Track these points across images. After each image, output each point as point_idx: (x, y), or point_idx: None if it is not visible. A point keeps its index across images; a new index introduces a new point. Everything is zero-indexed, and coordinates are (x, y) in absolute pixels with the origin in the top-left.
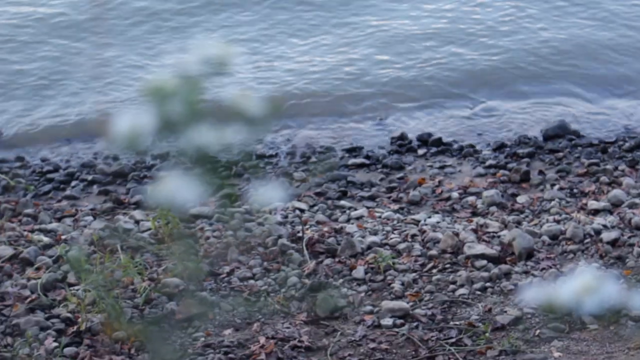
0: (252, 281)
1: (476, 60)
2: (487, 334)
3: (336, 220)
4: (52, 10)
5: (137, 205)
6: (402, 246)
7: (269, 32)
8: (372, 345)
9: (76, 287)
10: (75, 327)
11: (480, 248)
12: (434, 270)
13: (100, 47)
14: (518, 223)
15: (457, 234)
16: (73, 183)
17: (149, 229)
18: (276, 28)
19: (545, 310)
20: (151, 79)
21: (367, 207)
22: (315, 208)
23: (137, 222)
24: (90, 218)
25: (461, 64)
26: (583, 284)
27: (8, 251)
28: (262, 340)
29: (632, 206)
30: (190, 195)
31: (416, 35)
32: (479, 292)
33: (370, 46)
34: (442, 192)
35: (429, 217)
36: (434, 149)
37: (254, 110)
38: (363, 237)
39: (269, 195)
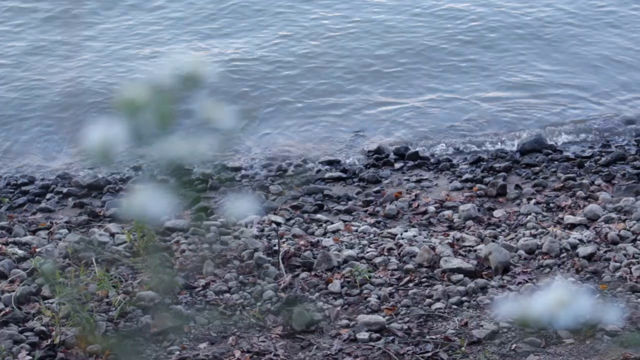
0: (227, 295)
1: (450, 73)
2: (463, 348)
3: (312, 233)
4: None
5: (113, 218)
6: (378, 260)
7: (245, 42)
8: (348, 359)
9: (50, 300)
10: (49, 341)
11: (457, 262)
12: (410, 284)
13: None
14: (494, 237)
15: (433, 248)
16: (48, 196)
17: (124, 242)
18: (252, 37)
19: (519, 324)
20: (123, 90)
21: (344, 221)
22: (292, 221)
23: (112, 235)
24: (65, 231)
25: (435, 76)
26: (557, 299)
27: None
28: (238, 354)
29: (608, 221)
30: (164, 207)
31: (398, 49)
32: (455, 306)
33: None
34: (418, 206)
35: (406, 231)
36: (410, 163)
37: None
38: (339, 250)
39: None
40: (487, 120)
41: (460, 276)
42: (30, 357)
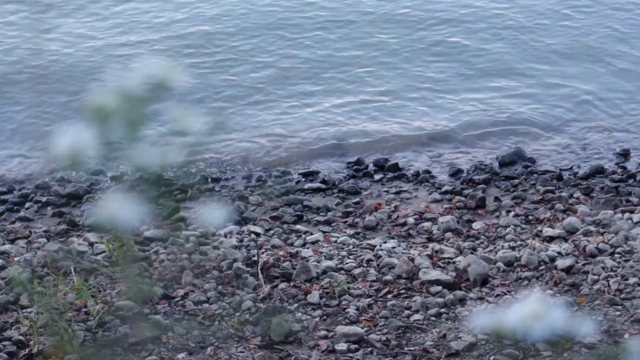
0: (206, 305)
1: (429, 84)
2: None
3: (292, 244)
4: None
5: (92, 227)
6: (357, 271)
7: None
8: None
9: (28, 310)
10: (27, 350)
11: (436, 274)
12: (389, 296)
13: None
14: (473, 249)
15: (412, 260)
16: (27, 205)
17: (103, 252)
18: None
19: (494, 336)
20: (93, 97)
21: (323, 232)
22: (271, 232)
23: (91, 244)
24: (43, 240)
25: (413, 87)
26: (531, 311)
27: None
28: None
29: (586, 234)
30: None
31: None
32: (433, 318)
33: (327, 68)
34: (397, 217)
35: (385, 243)
36: (390, 174)
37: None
38: (318, 261)
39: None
40: (467, 132)
41: (439, 288)
42: None
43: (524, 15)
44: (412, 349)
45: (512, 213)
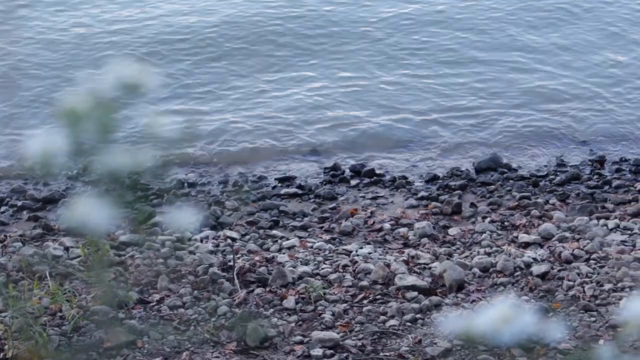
0: (182, 310)
1: (403, 90)
2: None
3: (268, 249)
4: None
5: (67, 231)
6: (333, 276)
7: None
8: None
9: (3, 314)
10: (1, 355)
11: (411, 279)
12: (365, 301)
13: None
14: (449, 255)
15: (388, 265)
16: (2, 209)
17: (79, 256)
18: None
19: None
20: (64, 101)
21: (299, 237)
22: (247, 237)
23: (66, 248)
24: (19, 244)
25: (392, 93)
26: (500, 314)
27: None
28: None
29: (562, 240)
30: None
31: (349, 64)
32: (409, 324)
33: (304, 74)
34: (374, 223)
35: (361, 248)
36: (366, 180)
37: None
38: (294, 267)
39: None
40: (443, 139)
41: (415, 293)
42: None
43: (504, 22)
44: (387, 354)
45: (488, 219)
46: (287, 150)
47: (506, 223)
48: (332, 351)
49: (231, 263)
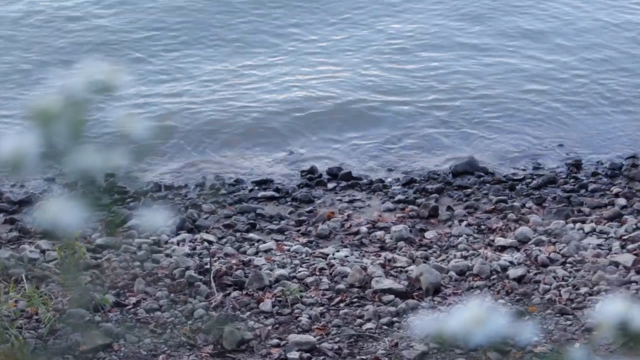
0: (158, 313)
1: (380, 94)
2: None
3: (244, 252)
4: None
5: (44, 234)
6: (310, 280)
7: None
8: None
9: None
10: None
11: (388, 283)
12: (342, 304)
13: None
14: (426, 258)
15: (365, 269)
16: None
17: (55, 259)
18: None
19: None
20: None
21: (276, 240)
22: (224, 240)
23: (43, 251)
24: None
25: (369, 97)
26: (472, 316)
27: None
28: None
29: (538, 243)
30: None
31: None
32: (385, 327)
33: (279, 76)
34: (350, 226)
35: (338, 251)
36: (343, 183)
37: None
38: (271, 270)
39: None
40: (420, 142)
41: (392, 297)
42: None
43: (483, 25)
44: (364, 357)
45: (465, 222)
46: (264, 153)
47: (483, 226)
48: (308, 354)
49: (208, 266)
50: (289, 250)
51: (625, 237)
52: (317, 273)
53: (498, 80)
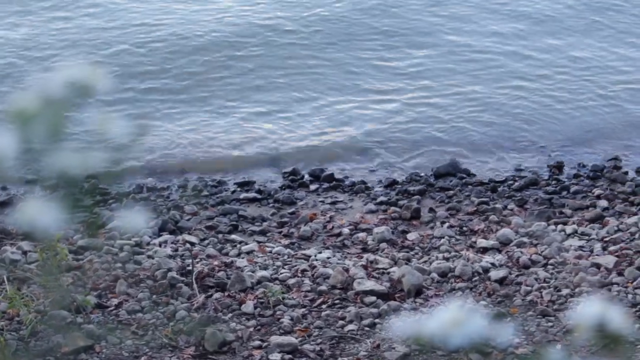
0: (140, 314)
1: (360, 96)
2: None
3: (226, 254)
4: None
5: (25, 236)
6: (292, 281)
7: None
8: None
9: None
10: None
11: (370, 284)
12: (324, 306)
13: None
14: (408, 260)
15: (347, 270)
16: None
17: (37, 260)
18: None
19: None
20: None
21: (258, 242)
22: (206, 242)
23: (24, 253)
24: None
25: (349, 98)
26: (450, 318)
27: None
28: None
29: (520, 245)
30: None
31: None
32: (367, 328)
33: (260, 77)
34: (333, 227)
35: (320, 253)
36: (325, 185)
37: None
38: (253, 271)
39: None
40: (402, 144)
41: (373, 298)
42: None
43: (462, 28)
44: (345, 359)
45: (447, 224)
46: (246, 154)
47: (465, 228)
48: (290, 356)
49: (190, 267)
50: (271, 251)
51: (606, 239)
52: (299, 274)
53: (480, 81)
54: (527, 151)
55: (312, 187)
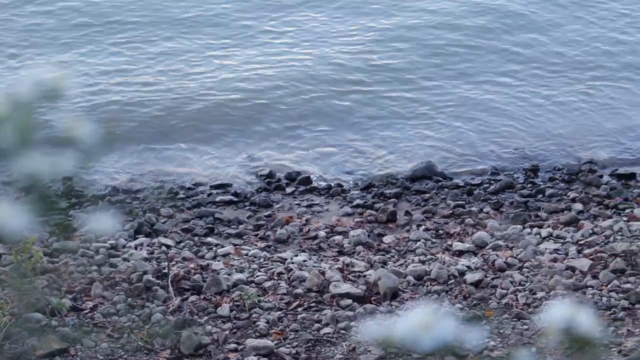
0: (115, 317)
1: (337, 99)
2: None
3: (202, 257)
4: None
5: None
6: (268, 284)
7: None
8: None
9: None
10: None
11: (346, 287)
12: (300, 309)
13: None
14: (384, 263)
15: (323, 273)
16: None
17: (11, 263)
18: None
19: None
20: None
21: (234, 245)
22: (182, 244)
23: None
24: None
25: (330, 103)
26: (420, 320)
27: None
28: None
29: (495, 248)
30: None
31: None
32: (343, 331)
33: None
34: (309, 230)
35: (296, 256)
36: (302, 188)
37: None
38: (229, 274)
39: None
40: (378, 147)
41: (349, 301)
42: None
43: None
44: None
45: (423, 227)
46: (222, 157)
47: (440, 231)
48: (266, 359)
49: (165, 270)
50: (247, 254)
51: (581, 242)
52: (275, 277)
53: (455, 84)
54: (502, 154)
55: (289, 190)
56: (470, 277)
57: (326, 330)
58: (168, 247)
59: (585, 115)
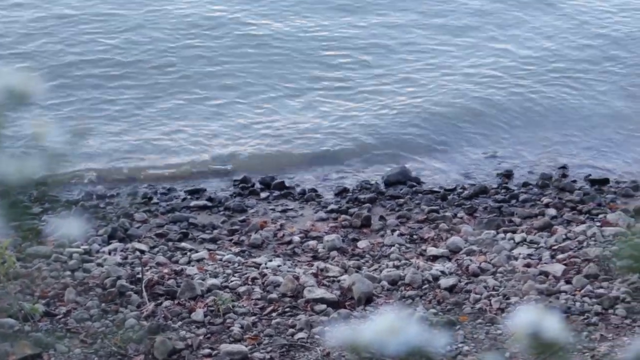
0: (89, 322)
1: (308, 105)
2: None
3: (177, 262)
4: None
5: None
6: (242, 289)
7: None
8: None
9: None
10: None
11: (320, 292)
12: (274, 314)
13: None
14: (358, 268)
15: (297, 278)
16: None
17: None
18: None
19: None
20: None
21: (208, 250)
22: (156, 249)
23: None
24: None
25: (297, 108)
26: (387, 325)
27: None
28: None
29: (469, 253)
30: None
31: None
32: (317, 336)
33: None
34: (283, 235)
35: (270, 261)
36: (276, 193)
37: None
38: (203, 279)
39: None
40: (353, 152)
41: (324, 306)
42: None
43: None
44: None
45: (397, 232)
46: (196, 162)
47: (415, 236)
48: None
49: (139, 275)
50: (221, 259)
51: (555, 247)
52: (250, 282)
53: (430, 89)
54: (477, 159)
55: (263, 195)
56: (445, 282)
57: (300, 335)
58: (142, 252)
59: (559, 121)
